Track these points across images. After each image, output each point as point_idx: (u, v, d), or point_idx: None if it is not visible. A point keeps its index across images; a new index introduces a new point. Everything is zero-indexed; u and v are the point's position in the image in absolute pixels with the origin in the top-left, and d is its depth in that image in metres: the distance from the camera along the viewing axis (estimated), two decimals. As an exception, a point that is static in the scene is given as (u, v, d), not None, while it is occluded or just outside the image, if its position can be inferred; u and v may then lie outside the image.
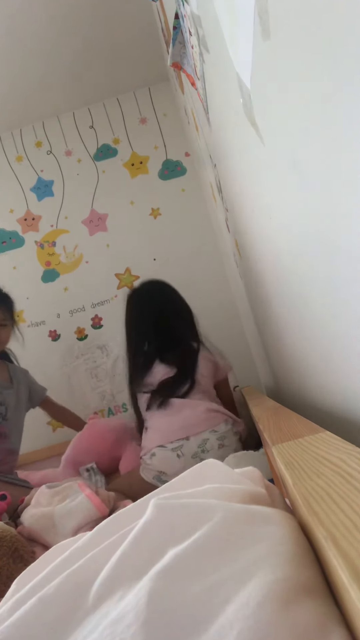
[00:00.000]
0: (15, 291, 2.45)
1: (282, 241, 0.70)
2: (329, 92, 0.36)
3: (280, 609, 0.24)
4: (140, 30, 2.06)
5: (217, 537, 0.31)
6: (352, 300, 0.46)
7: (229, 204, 1.27)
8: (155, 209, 2.45)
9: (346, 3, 0.30)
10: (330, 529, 0.26)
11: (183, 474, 0.46)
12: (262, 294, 1.12)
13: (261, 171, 0.69)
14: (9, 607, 0.35)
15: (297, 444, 0.50)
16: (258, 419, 0.93)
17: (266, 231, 0.81)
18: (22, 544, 0.91)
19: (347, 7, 0.30)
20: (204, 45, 0.83)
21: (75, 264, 2.45)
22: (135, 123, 2.51)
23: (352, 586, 0.20)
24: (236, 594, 0.26)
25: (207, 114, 1.11)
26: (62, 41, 2.02)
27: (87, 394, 2.35)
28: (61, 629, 0.31)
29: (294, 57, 0.41)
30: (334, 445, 0.44)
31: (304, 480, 0.35)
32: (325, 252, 0.49)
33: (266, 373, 1.73)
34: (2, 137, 2.55)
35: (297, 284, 0.68)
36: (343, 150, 0.37)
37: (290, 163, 0.52)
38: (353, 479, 0.32)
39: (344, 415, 0.63)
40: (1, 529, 0.90)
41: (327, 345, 0.62)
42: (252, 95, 0.58)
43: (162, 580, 0.28)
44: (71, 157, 2.51)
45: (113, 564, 0.33)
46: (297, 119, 0.45)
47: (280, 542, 0.30)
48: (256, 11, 0.46)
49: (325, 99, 0.37)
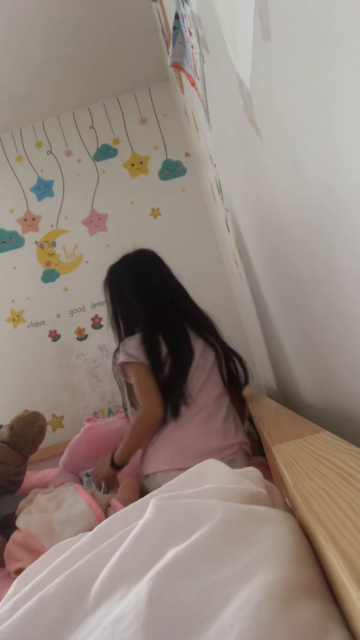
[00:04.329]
0: (15, 291, 2.46)
1: (282, 241, 0.70)
2: (329, 92, 0.36)
3: (280, 609, 0.24)
4: (140, 30, 2.06)
5: (217, 537, 0.31)
6: (352, 300, 0.46)
7: (229, 204, 1.27)
8: (155, 209, 2.45)
9: (346, 4, 0.30)
10: (330, 529, 0.26)
11: (183, 474, 0.46)
12: (264, 294, 1.12)
13: (261, 170, 0.69)
14: (9, 607, 0.35)
15: (297, 444, 0.50)
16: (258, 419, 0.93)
17: (266, 231, 0.81)
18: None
19: (346, 7, 0.30)
20: (204, 46, 0.83)
21: (75, 264, 2.45)
22: (135, 123, 2.51)
23: (352, 586, 0.20)
24: (236, 593, 0.26)
25: (207, 114, 1.11)
26: (62, 41, 2.02)
27: (87, 394, 2.35)
28: (61, 629, 0.31)
29: (294, 57, 0.41)
30: (334, 445, 0.44)
31: (304, 480, 0.35)
32: (325, 252, 0.49)
33: (268, 373, 1.73)
34: (2, 137, 2.55)
35: (298, 282, 0.68)
36: (343, 150, 0.37)
37: (290, 163, 0.52)
38: (353, 479, 0.32)
39: (343, 415, 0.63)
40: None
41: (327, 345, 0.62)
42: (252, 95, 0.58)
43: (162, 580, 0.28)
44: (71, 157, 2.51)
45: (113, 564, 0.33)
46: (297, 119, 0.45)
47: (280, 542, 0.30)
48: (256, 11, 0.46)
49: (325, 99, 0.37)
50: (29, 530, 1.06)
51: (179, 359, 1.27)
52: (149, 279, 1.38)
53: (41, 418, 1.72)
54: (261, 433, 0.83)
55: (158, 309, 1.33)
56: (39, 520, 1.07)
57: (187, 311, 1.36)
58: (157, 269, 1.42)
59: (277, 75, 0.47)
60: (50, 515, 1.07)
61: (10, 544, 1.09)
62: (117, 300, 1.40)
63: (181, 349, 1.28)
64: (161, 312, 1.33)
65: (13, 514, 1.25)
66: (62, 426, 2.33)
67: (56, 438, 2.28)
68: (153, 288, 1.36)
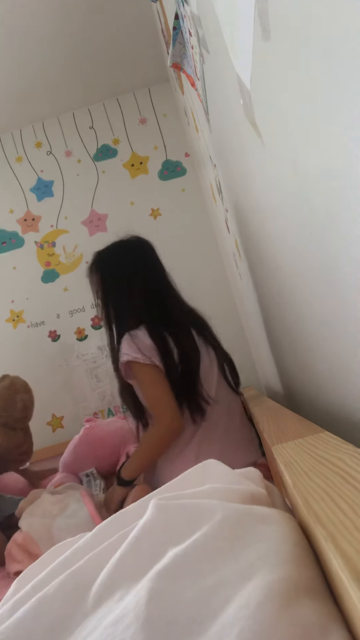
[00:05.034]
0: (15, 291, 2.46)
1: (282, 242, 0.70)
2: (329, 92, 0.36)
3: (280, 609, 0.24)
4: (140, 31, 2.07)
5: (217, 537, 0.31)
6: (352, 300, 0.46)
7: (229, 204, 1.27)
8: (155, 209, 2.45)
9: (346, 4, 0.30)
10: (330, 529, 0.26)
11: (183, 474, 0.46)
12: (264, 294, 1.12)
13: (261, 171, 0.69)
14: (9, 608, 0.35)
15: (297, 444, 0.50)
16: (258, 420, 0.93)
17: (267, 231, 0.81)
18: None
19: (346, 7, 0.30)
20: (204, 46, 0.83)
21: (75, 264, 2.45)
22: (135, 123, 2.51)
23: (352, 586, 0.20)
24: (236, 594, 0.26)
25: (207, 115, 1.11)
26: (62, 42, 2.02)
27: (87, 394, 2.35)
28: (61, 629, 0.31)
29: (294, 57, 0.41)
30: (333, 446, 0.45)
31: (303, 480, 0.35)
32: (326, 252, 0.49)
33: (268, 372, 1.73)
34: (2, 138, 2.55)
35: (299, 283, 0.68)
36: (343, 151, 0.37)
37: (290, 163, 0.52)
38: (353, 479, 0.32)
39: (343, 415, 0.63)
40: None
41: (328, 345, 0.62)
42: (252, 96, 0.58)
43: (162, 580, 0.28)
44: (71, 158, 2.51)
45: (113, 564, 0.33)
46: (297, 119, 0.45)
47: (280, 542, 0.30)
48: (256, 11, 0.46)
49: (326, 99, 0.37)
50: (30, 534, 1.06)
51: (191, 357, 1.15)
52: (151, 269, 1.26)
53: (20, 389, 1.58)
54: (261, 433, 0.83)
55: (162, 303, 1.21)
56: (40, 525, 1.07)
57: (188, 309, 1.28)
58: (156, 259, 1.30)
59: (277, 75, 0.47)
60: (51, 521, 1.06)
61: (12, 544, 1.09)
62: (113, 291, 1.24)
63: (189, 347, 1.17)
64: (165, 306, 1.21)
65: (13, 515, 1.25)
66: (62, 426, 2.33)
67: (56, 438, 2.28)
68: (155, 280, 1.24)
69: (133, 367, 1.14)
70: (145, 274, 1.25)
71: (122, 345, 1.16)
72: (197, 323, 1.26)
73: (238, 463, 0.92)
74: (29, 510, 1.14)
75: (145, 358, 1.11)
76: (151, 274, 1.26)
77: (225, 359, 1.27)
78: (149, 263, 1.28)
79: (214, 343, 1.26)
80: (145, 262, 1.28)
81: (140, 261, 1.27)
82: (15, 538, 1.09)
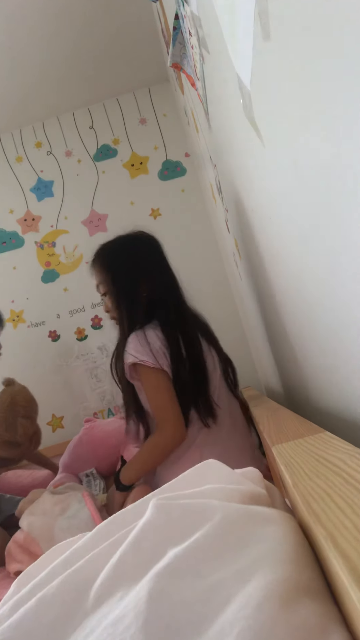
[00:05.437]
0: (15, 292, 2.46)
1: (282, 241, 0.70)
2: (329, 92, 0.36)
3: (280, 609, 0.24)
4: (140, 31, 2.06)
5: (217, 538, 0.31)
6: (352, 300, 0.46)
7: (229, 204, 1.27)
8: (155, 209, 2.45)
9: (345, 4, 0.30)
10: (330, 529, 0.26)
11: (183, 474, 0.46)
12: (266, 294, 1.12)
13: (261, 171, 0.69)
14: (9, 608, 0.35)
15: (297, 444, 0.50)
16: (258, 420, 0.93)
17: (267, 231, 0.81)
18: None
19: (346, 7, 0.30)
20: (204, 46, 0.83)
21: (75, 264, 2.45)
22: (135, 123, 2.51)
23: (352, 587, 0.20)
24: (236, 594, 0.26)
25: (207, 115, 1.11)
26: (62, 42, 2.02)
27: (87, 395, 2.35)
28: (61, 629, 0.31)
29: (294, 57, 0.41)
30: (333, 446, 0.45)
31: (303, 480, 0.35)
32: (326, 252, 0.49)
33: (268, 373, 1.73)
34: (2, 138, 2.55)
35: (299, 283, 0.68)
36: (343, 150, 0.37)
37: (290, 163, 0.52)
38: (353, 479, 0.32)
39: (343, 415, 0.63)
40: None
41: (328, 345, 0.62)
42: (252, 96, 0.58)
43: (162, 580, 0.28)
44: (71, 158, 2.51)
45: (113, 564, 0.33)
46: (297, 119, 0.45)
47: (280, 542, 0.30)
48: (256, 11, 0.46)
49: (325, 99, 0.37)
50: (31, 534, 1.05)
51: (201, 360, 1.12)
52: (163, 267, 1.22)
53: (20, 411, 1.57)
54: (261, 433, 0.83)
55: (176, 303, 1.17)
56: (41, 524, 1.06)
57: (193, 311, 1.25)
58: (165, 256, 1.26)
59: (277, 75, 0.47)
60: (52, 521, 1.06)
61: (12, 543, 1.09)
62: (124, 288, 1.18)
63: (199, 349, 1.14)
64: (176, 305, 1.17)
65: (13, 515, 1.25)
66: (62, 426, 2.33)
67: (56, 438, 2.28)
68: (168, 281, 1.20)
69: (139, 369, 1.09)
70: (157, 269, 1.21)
71: (130, 344, 1.11)
72: (200, 325, 1.24)
73: (242, 466, 0.91)
74: (30, 509, 1.13)
75: (155, 362, 1.06)
76: (162, 271, 1.22)
77: (226, 362, 1.26)
78: (159, 259, 1.25)
79: (216, 346, 1.25)
80: (156, 258, 1.24)
81: (151, 255, 1.23)
82: (16, 537, 1.09)
